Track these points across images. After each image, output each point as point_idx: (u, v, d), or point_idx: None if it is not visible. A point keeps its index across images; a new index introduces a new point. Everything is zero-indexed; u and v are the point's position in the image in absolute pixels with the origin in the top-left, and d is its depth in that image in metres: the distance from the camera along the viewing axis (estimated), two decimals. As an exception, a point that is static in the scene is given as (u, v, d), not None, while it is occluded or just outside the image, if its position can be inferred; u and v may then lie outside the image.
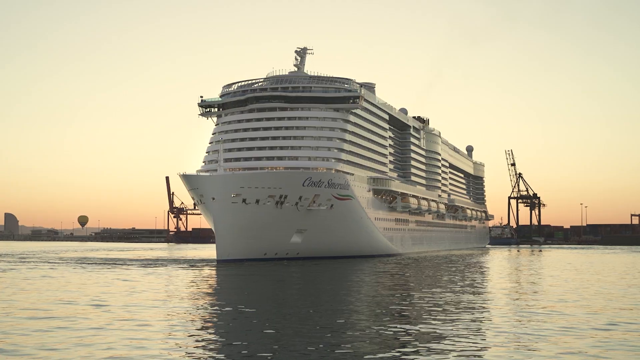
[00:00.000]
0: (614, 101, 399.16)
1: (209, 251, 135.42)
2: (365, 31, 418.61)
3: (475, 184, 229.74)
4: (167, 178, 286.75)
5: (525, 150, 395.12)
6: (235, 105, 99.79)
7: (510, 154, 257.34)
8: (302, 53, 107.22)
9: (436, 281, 55.04)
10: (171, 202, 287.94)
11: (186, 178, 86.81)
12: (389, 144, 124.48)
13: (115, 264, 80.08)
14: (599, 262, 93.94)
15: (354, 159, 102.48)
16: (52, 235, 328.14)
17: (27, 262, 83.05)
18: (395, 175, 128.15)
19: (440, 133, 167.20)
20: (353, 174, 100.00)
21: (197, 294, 43.63)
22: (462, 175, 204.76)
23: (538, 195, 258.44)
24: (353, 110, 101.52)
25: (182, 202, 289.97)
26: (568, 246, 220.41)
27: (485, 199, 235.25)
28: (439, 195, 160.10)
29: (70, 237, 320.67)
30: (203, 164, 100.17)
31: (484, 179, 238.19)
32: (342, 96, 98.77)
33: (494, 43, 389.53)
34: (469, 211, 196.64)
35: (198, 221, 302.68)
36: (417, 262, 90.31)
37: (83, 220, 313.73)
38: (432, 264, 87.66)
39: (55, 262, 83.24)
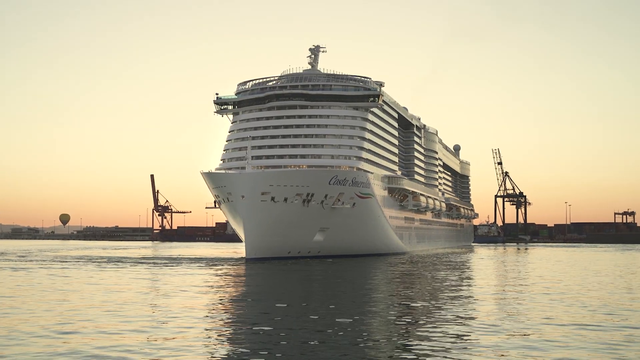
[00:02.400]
0: (599, 101, 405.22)
1: (204, 250, 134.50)
2: (360, 29, 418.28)
3: (462, 182, 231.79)
4: (152, 176, 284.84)
5: (512, 149, 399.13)
6: (254, 102, 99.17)
7: (497, 152, 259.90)
8: (315, 51, 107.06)
9: (467, 282, 55.22)
10: (156, 200, 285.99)
11: (211, 176, 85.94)
12: (397, 143, 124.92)
13: (142, 262, 78.86)
14: (603, 261, 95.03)
15: (372, 158, 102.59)
16: (32, 233, 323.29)
17: (40, 262, 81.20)
18: (399, 173, 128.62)
19: (437, 132, 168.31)
20: (373, 173, 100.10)
21: (268, 293, 43.25)
22: (450, 174, 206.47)
23: (524, 194, 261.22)
24: (371, 109, 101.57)
25: (167, 200, 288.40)
26: (555, 244, 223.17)
27: (470, 197, 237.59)
28: (439, 194, 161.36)
29: (51, 235, 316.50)
30: (221, 161, 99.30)
31: (469, 177, 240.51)
32: (362, 95, 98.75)
33: (483, 42, 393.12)
34: (462, 210, 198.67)
35: (182, 219, 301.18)
36: (430, 261, 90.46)
37: (65, 219, 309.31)
38: (444, 262, 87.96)
39: (68, 261, 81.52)
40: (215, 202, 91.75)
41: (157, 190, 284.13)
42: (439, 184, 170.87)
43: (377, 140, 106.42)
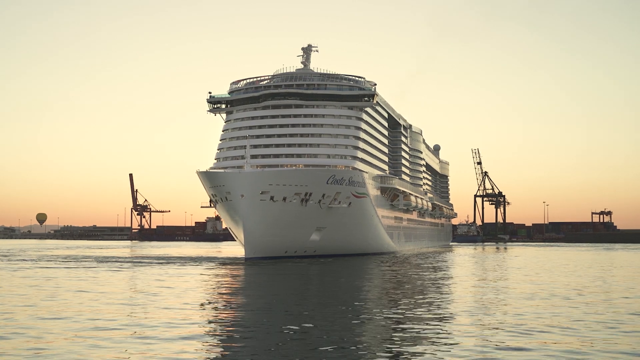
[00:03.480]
0: (577, 102, 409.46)
1: (190, 249, 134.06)
2: (347, 28, 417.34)
3: (441, 182, 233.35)
4: (130, 175, 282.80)
5: (491, 149, 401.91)
6: (248, 101, 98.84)
7: (477, 152, 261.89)
8: (307, 50, 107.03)
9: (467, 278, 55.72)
10: (135, 199, 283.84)
11: (208, 175, 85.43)
12: (387, 142, 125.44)
13: (148, 263, 78.25)
14: (596, 261, 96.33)
15: (366, 157, 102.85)
16: (8, 233, 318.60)
17: (44, 262, 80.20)
18: (388, 173, 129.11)
19: (421, 132, 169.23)
20: (367, 172, 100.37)
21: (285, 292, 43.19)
22: (430, 174, 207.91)
23: (503, 194, 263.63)
24: (365, 109, 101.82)
25: (146, 200, 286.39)
26: (534, 244, 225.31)
27: (449, 196, 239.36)
28: (424, 194, 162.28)
29: (27, 234, 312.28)
30: (215, 160, 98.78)
31: (449, 177, 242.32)
32: (357, 94, 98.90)
33: (464, 42, 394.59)
34: (445, 209, 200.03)
35: (161, 219, 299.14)
36: (428, 261, 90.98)
37: (41, 218, 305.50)
38: (436, 262, 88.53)
39: (67, 261, 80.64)
40: (210, 201, 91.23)
41: (136, 190, 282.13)
42: (423, 183, 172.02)
43: (370, 140, 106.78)
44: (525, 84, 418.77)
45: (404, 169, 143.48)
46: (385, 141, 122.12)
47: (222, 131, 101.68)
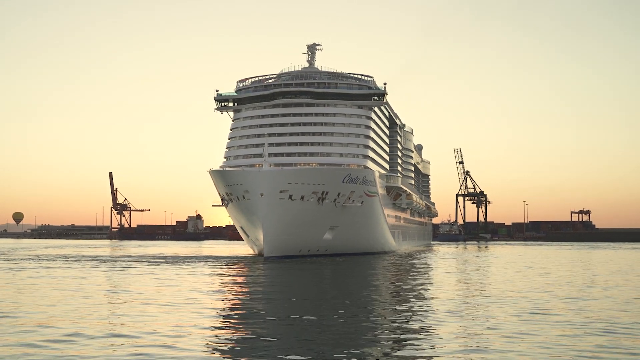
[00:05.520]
0: (556, 103, 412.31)
1: (178, 248, 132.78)
2: (346, 27, 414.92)
3: (423, 181, 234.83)
4: (110, 174, 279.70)
5: (472, 148, 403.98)
6: (258, 100, 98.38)
7: (459, 152, 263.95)
8: (312, 48, 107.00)
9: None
10: (114, 198, 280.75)
11: (223, 174, 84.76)
12: (387, 141, 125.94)
13: (156, 262, 77.20)
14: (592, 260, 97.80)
15: (374, 156, 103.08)
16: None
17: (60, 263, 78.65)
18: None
19: (412, 131, 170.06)
20: (377, 171, 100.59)
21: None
22: (414, 172, 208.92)
23: (485, 193, 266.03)
24: (373, 108, 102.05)
25: (126, 199, 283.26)
26: (515, 243, 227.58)
27: (430, 196, 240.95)
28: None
29: (4, 234, 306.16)
30: (225, 159, 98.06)
31: (430, 176, 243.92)
32: (367, 93, 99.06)
33: (448, 41, 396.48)
34: (433, 209, 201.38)
35: (140, 218, 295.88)
36: (431, 262, 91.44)
37: (18, 217, 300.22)
38: (438, 260, 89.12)
39: (74, 260, 79.18)
40: (223, 200, 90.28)
41: (116, 189, 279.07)
42: (412, 183, 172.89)
43: (377, 139, 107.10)
44: (505, 85, 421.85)
45: (399, 167, 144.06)
46: (387, 140, 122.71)
47: (231, 129, 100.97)
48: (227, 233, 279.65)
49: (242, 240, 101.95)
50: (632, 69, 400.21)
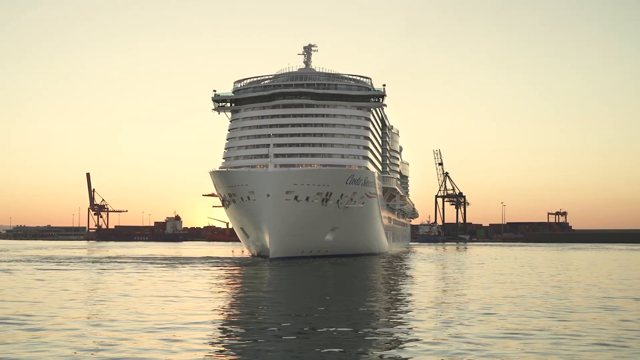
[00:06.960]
0: (531, 104, 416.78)
1: (164, 249, 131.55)
2: (339, 27, 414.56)
3: (402, 182, 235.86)
4: (87, 174, 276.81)
5: (451, 150, 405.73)
6: (257, 100, 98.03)
7: (438, 153, 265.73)
8: (308, 49, 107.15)
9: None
10: (92, 198, 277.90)
11: (226, 174, 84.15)
12: (381, 142, 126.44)
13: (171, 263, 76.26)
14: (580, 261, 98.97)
15: (372, 157, 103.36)
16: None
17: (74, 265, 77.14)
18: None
19: (398, 132, 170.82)
20: (376, 172, 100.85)
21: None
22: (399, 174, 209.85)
23: (463, 194, 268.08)
24: (371, 109, 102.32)
25: (103, 199, 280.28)
26: (494, 244, 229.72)
27: (409, 198, 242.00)
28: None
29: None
30: (224, 160, 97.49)
31: (408, 178, 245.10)
32: (367, 94, 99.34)
33: (430, 41, 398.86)
34: (416, 210, 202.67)
35: (117, 219, 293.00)
36: (420, 260, 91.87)
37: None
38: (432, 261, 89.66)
39: (86, 262, 77.89)
40: (223, 201, 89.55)
41: (94, 189, 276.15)
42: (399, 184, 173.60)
43: (374, 140, 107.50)
44: (484, 86, 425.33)
45: (388, 169, 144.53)
46: (380, 141, 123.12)
47: (229, 130, 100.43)
48: (206, 234, 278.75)
49: (220, 241, 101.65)
50: (612, 71, 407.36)
